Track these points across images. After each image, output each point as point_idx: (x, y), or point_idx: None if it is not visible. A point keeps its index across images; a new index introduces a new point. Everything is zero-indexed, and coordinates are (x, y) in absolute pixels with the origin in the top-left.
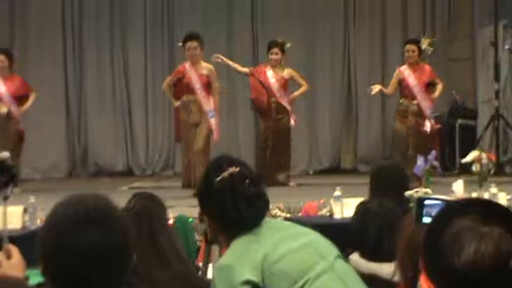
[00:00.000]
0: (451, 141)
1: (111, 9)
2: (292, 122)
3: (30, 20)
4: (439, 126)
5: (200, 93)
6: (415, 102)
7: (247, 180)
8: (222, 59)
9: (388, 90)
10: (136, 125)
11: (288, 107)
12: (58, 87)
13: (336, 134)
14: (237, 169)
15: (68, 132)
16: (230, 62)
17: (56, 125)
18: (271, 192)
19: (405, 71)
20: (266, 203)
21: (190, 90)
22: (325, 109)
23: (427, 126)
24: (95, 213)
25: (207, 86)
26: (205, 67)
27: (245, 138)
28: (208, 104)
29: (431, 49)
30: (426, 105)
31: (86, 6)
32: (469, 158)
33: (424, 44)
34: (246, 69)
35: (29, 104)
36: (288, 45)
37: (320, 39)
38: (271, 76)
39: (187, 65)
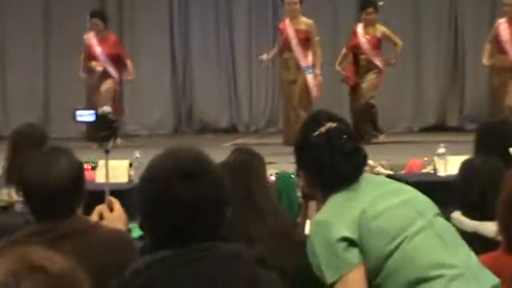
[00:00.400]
0: None
1: None
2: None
3: None
4: None
5: (297, 49)
6: (507, 57)
7: (345, 136)
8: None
9: (487, 43)
10: (240, 82)
11: (381, 66)
12: (164, 44)
13: (441, 91)
14: (335, 124)
15: (173, 89)
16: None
17: (162, 82)
18: (374, 150)
19: (502, 25)
20: (364, 158)
21: (287, 46)
22: (431, 65)
23: None
24: (190, 166)
25: (305, 42)
26: (304, 22)
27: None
28: (305, 60)
29: None
30: None
31: None
32: None
33: None
34: (342, 53)
35: (130, 69)
36: (381, 3)
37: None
38: (362, 35)
39: (286, 21)
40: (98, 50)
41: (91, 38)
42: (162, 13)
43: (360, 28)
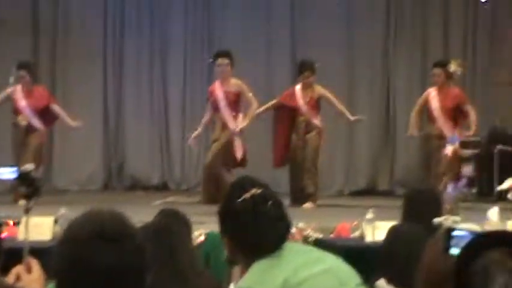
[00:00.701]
0: (490, 167)
1: (151, 23)
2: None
3: (72, 35)
4: (460, 152)
5: (225, 111)
6: (436, 126)
7: (270, 202)
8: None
9: (414, 113)
10: (173, 138)
11: (320, 125)
12: (97, 97)
13: (373, 155)
14: (259, 190)
15: (105, 144)
16: (250, 116)
17: (94, 136)
18: (305, 212)
19: (431, 93)
20: (288, 226)
21: (216, 108)
22: (363, 129)
23: (449, 150)
24: (111, 230)
25: (235, 103)
26: (234, 84)
27: None
28: (234, 122)
29: (461, 70)
30: (448, 130)
31: (127, 16)
32: (505, 185)
33: (453, 66)
34: (272, 102)
35: (62, 115)
36: (318, 64)
37: (359, 59)
38: (300, 97)
39: (217, 83)
40: (22, 103)
41: (17, 92)
42: (96, 66)
43: (298, 90)
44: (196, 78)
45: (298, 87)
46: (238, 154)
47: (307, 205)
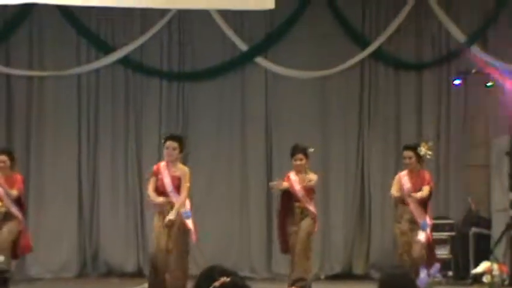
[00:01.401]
0: (465, 250)
1: (126, 110)
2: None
3: (47, 124)
4: (430, 238)
5: (173, 195)
6: (408, 209)
7: None
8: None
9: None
10: (147, 225)
11: (314, 211)
12: (71, 183)
13: (348, 238)
14: (228, 279)
15: (79, 231)
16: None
17: (68, 223)
18: None
19: (403, 177)
20: None
21: (163, 191)
22: (338, 213)
23: (421, 236)
24: None
25: (179, 188)
26: (180, 168)
27: (258, 239)
28: (184, 206)
29: (430, 153)
30: (419, 215)
31: (102, 109)
32: (479, 268)
33: (423, 149)
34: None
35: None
36: (311, 149)
37: (334, 146)
38: (296, 183)
39: (161, 164)
40: (0, 190)
41: None
42: (70, 149)
43: (292, 175)
44: None
45: (292, 173)
46: (194, 236)
47: None
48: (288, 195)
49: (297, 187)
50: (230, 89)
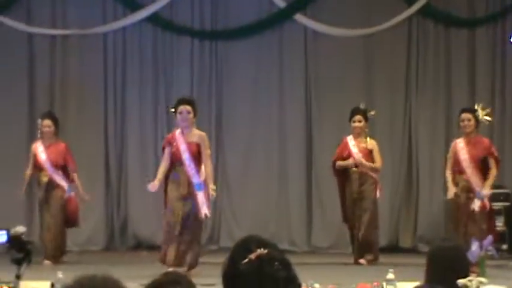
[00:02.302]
0: None
1: (154, 72)
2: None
3: (70, 88)
4: (490, 207)
5: (188, 164)
6: (464, 177)
7: (277, 263)
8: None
9: (449, 172)
10: None
11: (375, 176)
12: (98, 152)
13: (395, 210)
14: (266, 251)
15: (107, 201)
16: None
17: (95, 193)
18: (324, 272)
19: (459, 144)
20: None
21: (178, 160)
22: (384, 181)
23: (476, 205)
24: None
25: (197, 156)
26: (197, 134)
27: (297, 211)
28: (196, 176)
29: (489, 119)
30: (477, 183)
31: (129, 71)
32: None
33: (481, 113)
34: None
35: (77, 183)
36: (372, 112)
37: (379, 109)
38: (353, 146)
39: (177, 132)
40: (43, 158)
41: (37, 147)
42: (96, 114)
43: (350, 139)
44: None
45: (349, 137)
46: (203, 212)
47: (362, 261)
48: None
49: (355, 151)
50: (267, 49)
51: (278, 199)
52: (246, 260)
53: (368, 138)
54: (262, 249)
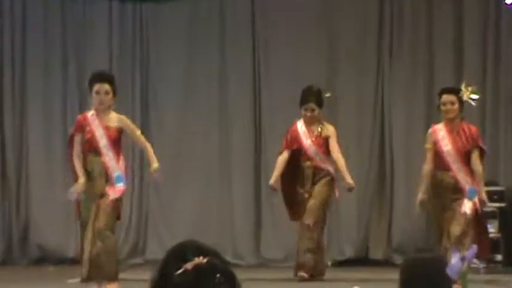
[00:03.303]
0: None
1: (62, 44)
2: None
3: None
4: (483, 208)
5: (106, 152)
6: (450, 174)
7: (219, 275)
8: None
9: (427, 167)
10: None
11: (332, 172)
12: None
13: (363, 216)
14: (205, 260)
15: (3, 206)
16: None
17: None
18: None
19: (439, 132)
20: None
21: (93, 149)
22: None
23: (466, 207)
24: None
25: (117, 143)
26: (116, 117)
27: (244, 217)
28: (117, 167)
29: (475, 98)
30: (465, 180)
31: (31, 47)
32: None
33: (465, 93)
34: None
35: None
36: (328, 94)
37: (344, 91)
38: (304, 135)
39: (89, 114)
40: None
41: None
42: None
43: (301, 126)
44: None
45: (299, 123)
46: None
47: (302, 274)
48: (294, 153)
49: (307, 141)
50: (205, 12)
51: (220, 201)
52: (180, 271)
53: (324, 124)
54: (200, 258)
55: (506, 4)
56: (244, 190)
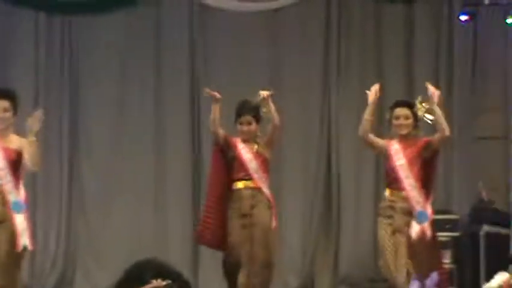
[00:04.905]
0: (474, 256)
1: None
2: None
3: None
4: (434, 235)
5: (4, 175)
6: (403, 194)
7: None
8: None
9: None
10: None
11: (268, 195)
12: None
13: (308, 244)
14: (163, 283)
15: None
16: None
17: None
18: None
19: (393, 146)
20: None
21: None
22: (294, 202)
23: (415, 230)
24: None
25: (16, 166)
26: (16, 138)
27: (180, 245)
28: (14, 193)
29: (431, 117)
30: (416, 200)
31: None
32: (494, 283)
33: (420, 109)
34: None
35: None
36: (264, 109)
37: (288, 106)
38: (244, 151)
39: None
40: None
41: None
42: None
43: (239, 143)
44: (53, 133)
45: (238, 141)
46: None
47: None
48: (226, 168)
49: (247, 156)
50: (141, 25)
51: (154, 228)
52: None
53: (260, 140)
54: (159, 281)
55: (460, 21)
56: (181, 215)
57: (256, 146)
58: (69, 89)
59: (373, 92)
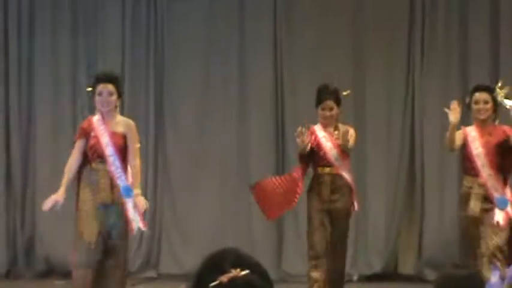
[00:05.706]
0: None
1: (73, 40)
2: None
3: None
4: None
5: (113, 161)
6: (480, 181)
7: None
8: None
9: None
10: None
11: (350, 181)
12: None
13: (392, 227)
14: (243, 273)
15: (8, 214)
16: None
17: None
18: None
19: (470, 133)
20: None
21: (98, 156)
22: (378, 187)
23: (498, 217)
24: None
25: (123, 150)
26: (122, 122)
27: (264, 227)
28: (123, 177)
29: (510, 103)
30: (495, 187)
31: (39, 34)
32: None
33: (500, 93)
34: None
35: None
36: (345, 92)
37: (369, 88)
38: (324, 139)
39: (95, 119)
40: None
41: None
42: None
43: (319, 130)
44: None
45: (317, 126)
46: (133, 227)
47: None
48: (308, 158)
49: (328, 145)
50: (223, 13)
51: (239, 211)
52: (215, 283)
53: (342, 126)
54: (238, 271)
55: None
56: None
57: (336, 132)
58: (154, 75)
59: (453, 112)
